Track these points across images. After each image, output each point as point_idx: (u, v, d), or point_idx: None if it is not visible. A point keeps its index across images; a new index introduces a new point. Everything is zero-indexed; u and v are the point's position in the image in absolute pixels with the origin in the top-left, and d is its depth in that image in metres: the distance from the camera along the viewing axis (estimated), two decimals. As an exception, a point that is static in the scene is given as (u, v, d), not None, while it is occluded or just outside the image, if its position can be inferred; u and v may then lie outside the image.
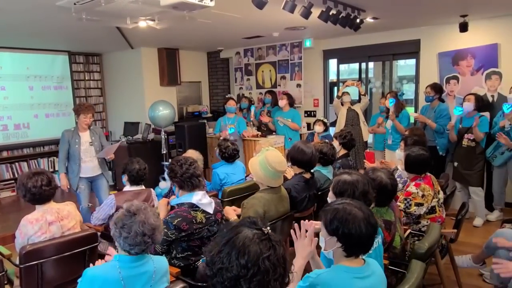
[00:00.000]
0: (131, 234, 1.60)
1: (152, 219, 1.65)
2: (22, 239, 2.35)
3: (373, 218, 1.54)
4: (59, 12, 3.70)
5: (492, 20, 4.78)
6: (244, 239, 1.16)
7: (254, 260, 1.12)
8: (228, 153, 3.72)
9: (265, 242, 1.16)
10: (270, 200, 2.66)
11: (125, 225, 1.62)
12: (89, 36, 5.43)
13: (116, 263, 1.65)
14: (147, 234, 1.62)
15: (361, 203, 1.60)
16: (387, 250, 2.25)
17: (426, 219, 2.82)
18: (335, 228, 1.51)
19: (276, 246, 1.18)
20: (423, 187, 2.80)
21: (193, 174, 2.26)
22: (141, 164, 3.00)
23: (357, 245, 1.51)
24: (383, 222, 2.23)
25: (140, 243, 1.62)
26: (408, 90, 7.02)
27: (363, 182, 2.04)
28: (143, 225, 1.61)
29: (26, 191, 2.36)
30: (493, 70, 4.74)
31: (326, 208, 1.61)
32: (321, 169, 3.39)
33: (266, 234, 1.19)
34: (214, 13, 3.93)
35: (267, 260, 1.13)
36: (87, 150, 4.12)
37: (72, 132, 4.10)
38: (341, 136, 3.82)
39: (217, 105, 7.85)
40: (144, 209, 1.67)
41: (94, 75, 7.34)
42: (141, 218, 1.63)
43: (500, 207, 4.53)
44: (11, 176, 6.18)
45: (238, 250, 1.14)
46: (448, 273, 3.05)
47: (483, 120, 4.26)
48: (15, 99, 6.20)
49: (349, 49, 6.06)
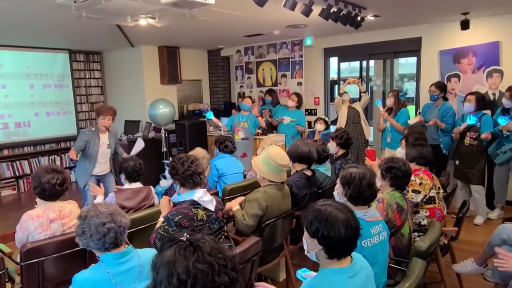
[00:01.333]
0: (92, 229, 1.62)
1: (103, 208, 1.67)
2: (22, 233, 2.36)
3: (354, 220, 1.50)
4: (59, 10, 3.69)
5: (493, 17, 4.76)
6: (168, 259, 1.12)
7: (186, 271, 1.09)
8: (224, 144, 3.86)
9: (188, 249, 1.13)
10: (273, 195, 2.67)
11: (84, 228, 1.65)
12: (90, 34, 5.42)
13: (102, 264, 1.64)
14: (106, 222, 1.63)
15: (343, 205, 1.56)
16: (395, 234, 2.32)
17: (425, 209, 2.83)
18: (315, 230, 1.48)
19: (200, 245, 1.14)
20: (421, 176, 2.86)
21: (194, 172, 2.26)
22: (135, 160, 3.04)
23: (337, 248, 1.47)
24: (395, 204, 2.34)
25: (106, 232, 1.62)
26: (409, 88, 7.00)
27: (370, 173, 2.09)
28: (97, 217, 1.64)
29: (38, 184, 2.38)
30: (495, 68, 4.73)
31: (308, 209, 1.59)
32: (318, 167, 3.39)
33: (186, 241, 1.16)
34: (214, 11, 3.92)
35: (197, 263, 1.10)
36: (104, 152, 4.17)
37: (93, 133, 4.10)
38: (337, 136, 3.80)
39: (217, 104, 7.85)
40: (92, 207, 1.69)
41: (95, 73, 7.33)
42: (91, 214, 1.65)
43: (501, 205, 4.52)
44: (12, 175, 6.18)
45: (167, 273, 1.10)
46: (448, 271, 3.05)
47: (487, 119, 4.25)
48: (15, 97, 6.20)
49: (350, 47, 6.05)
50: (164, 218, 2.21)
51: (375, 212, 2.10)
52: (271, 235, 2.69)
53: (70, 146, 6.83)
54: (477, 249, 3.17)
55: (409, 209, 2.45)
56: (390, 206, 2.34)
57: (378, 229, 2.00)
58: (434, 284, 2.98)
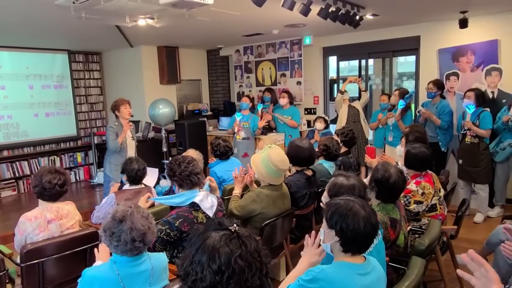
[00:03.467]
0: (121, 241, 1.58)
1: (140, 224, 1.61)
2: (20, 236, 2.36)
3: (374, 218, 1.54)
4: (58, 11, 3.69)
5: (492, 16, 4.76)
6: (213, 243, 1.12)
7: (227, 262, 1.09)
8: (220, 151, 3.74)
9: (234, 241, 1.13)
10: (269, 195, 2.67)
11: (114, 233, 1.60)
12: (89, 35, 5.42)
13: (113, 264, 1.65)
14: (137, 240, 1.59)
15: (364, 202, 1.60)
16: (390, 247, 2.26)
17: (427, 217, 2.81)
18: (334, 222, 1.53)
19: (246, 242, 1.14)
20: (423, 185, 2.79)
21: (191, 172, 2.26)
22: (140, 164, 3.01)
23: (354, 242, 1.51)
24: (389, 220, 2.23)
25: (131, 249, 1.61)
26: (408, 86, 7.01)
27: (359, 187, 2.05)
28: (131, 232, 1.58)
29: (39, 183, 2.38)
30: (493, 66, 4.73)
31: (330, 201, 1.64)
32: (324, 162, 3.39)
33: (234, 232, 1.16)
34: (213, 10, 3.92)
35: (240, 258, 1.10)
36: (131, 144, 4.38)
37: (117, 127, 4.26)
38: (343, 133, 3.81)
39: (217, 103, 7.85)
40: (131, 214, 1.63)
41: (94, 74, 7.33)
42: (128, 225, 1.59)
43: (501, 203, 4.53)
44: (12, 175, 6.18)
45: (208, 256, 1.10)
46: (448, 269, 3.06)
47: (486, 116, 4.24)
48: (15, 98, 6.20)
49: (349, 46, 6.05)
50: (164, 221, 2.21)
51: None
52: (271, 235, 2.69)
53: (69, 146, 6.87)
54: (476, 247, 3.16)
55: (402, 214, 2.38)
56: (383, 223, 2.20)
57: None
58: (434, 282, 2.99)
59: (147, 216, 1.69)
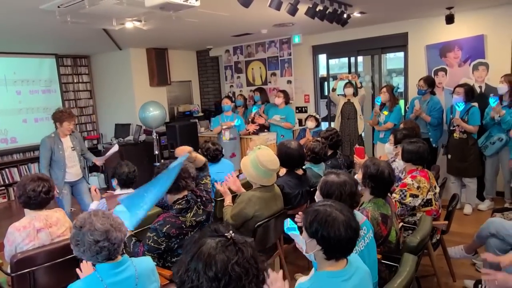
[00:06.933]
0: (86, 246, 1.58)
1: (99, 223, 1.60)
2: (10, 246, 2.34)
3: (354, 221, 1.50)
4: (44, 16, 3.65)
5: (477, 11, 4.81)
6: (209, 250, 1.11)
7: (223, 269, 1.08)
8: (210, 155, 3.68)
9: (230, 248, 1.12)
10: (261, 197, 2.66)
11: (78, 241, 1.60)
12: (76, 39, 5.37)
13: (96, 274, 1.63)
14: (100, 240, 1.58)
15: (343, 206, 1.56)
16: (383, 244, 2.26)
17: (422, 212, 2.84)
18: (314, 230, 1.47)
19: (243, 248, 1.13)
20: (419, 179, 2.82)
21: (178, 177, 2.24)
22: (130, 167, 2.99)
23: (337, 249, 1.47)
24: (380, 216, 2.24)
25: (99, 251, 1.59)
26: (398, 82, 7.05)
27: (350, 184, 2.05)
28: (92, 233, 1.58)
29: (23, 193, 2.35)
30: (480, 61, 4.78)
31: (307, 209, 1.58)
32: (312, 166, 3.40)
33: (230, 239, 1.14)
34: (200, 12, 3.90)
35: (236, 265, 1.09)
36: (70, 156, 4.14)
37: (53, 139, 4.08)
38: (327, 138, 3.76)
39: (208, 104, 7.83)
40: (88, 218, 1.62)
41: (83, 78, 7.26)
42: (87, 228, 1.59)
43: (491, 196, 4.58)
44: (2, 183, 6.10)
45: (204, 263, 1.09)
46: (441, 263, 3.09)
47: (475, 112, 4.28)
48: (2, 104, 6.11)
49: (338, 44, 6.07)
50: (151, 228, 2.20)
51: (358, 214, 2.03)
52: (264, 236, 2.69)
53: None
54: (467, 241, 3.21)
55: (393, 210, 2.39)
56: (375, 219, 2.21)
57: (362, 233, 1.94)
58: (427, 277, 3.01)
59: (108, 216, 1.67)
